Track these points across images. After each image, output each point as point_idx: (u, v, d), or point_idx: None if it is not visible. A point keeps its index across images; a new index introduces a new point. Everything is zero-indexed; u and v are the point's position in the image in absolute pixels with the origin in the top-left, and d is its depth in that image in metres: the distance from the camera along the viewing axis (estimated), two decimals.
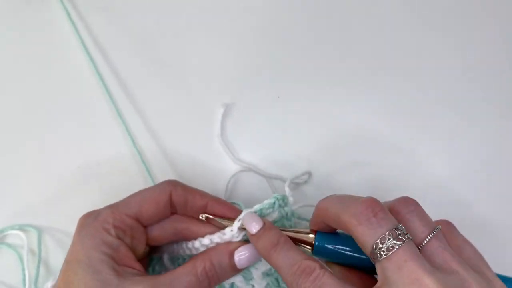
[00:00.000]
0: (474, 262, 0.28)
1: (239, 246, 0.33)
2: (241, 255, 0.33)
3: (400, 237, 0.26)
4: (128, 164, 0.40)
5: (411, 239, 0.27)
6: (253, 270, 0.35)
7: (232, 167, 0.41)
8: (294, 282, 0.28)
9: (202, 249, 0.33)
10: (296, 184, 0.41)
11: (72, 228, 0.39)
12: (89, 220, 0.31)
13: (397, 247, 0.26)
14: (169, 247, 0.35)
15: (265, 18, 0.43)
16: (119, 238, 0.31)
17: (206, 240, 0.33)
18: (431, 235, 0.27)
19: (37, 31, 0.40)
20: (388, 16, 0.44)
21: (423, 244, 0.27)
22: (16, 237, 0.39)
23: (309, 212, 0.35)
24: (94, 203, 0.34)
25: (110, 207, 0.32)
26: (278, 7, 0.43)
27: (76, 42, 0.40)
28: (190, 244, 0.34)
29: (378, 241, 0.26)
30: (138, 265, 0.31)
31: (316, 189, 0.41)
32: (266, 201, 0.34)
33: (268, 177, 0.41)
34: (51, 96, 0.40)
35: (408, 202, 0.29)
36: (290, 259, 0.29)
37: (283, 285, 0.36)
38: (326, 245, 0.31)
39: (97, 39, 0.41)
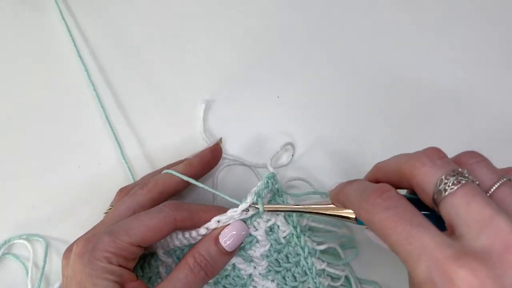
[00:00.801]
0: None
1: (221, 230, 0.33)
2: (226, 238, 0.33)
3: (466, 175, 0.25)
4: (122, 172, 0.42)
5: (477, 183, 0.25)
6: (251, 252, 0.36)
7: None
8: (362, 204, 0.26)
9: (199, 237, 0.34)
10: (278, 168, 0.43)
11: None
12: (89, 248, 0.30)
13: (464, 181, 0.24)
14: (162, 242, 0.35)
15: (243, 13, 0.44)
16: (121, 265, 0.30)
17: (202, 230, 0.34)
18: (499, 183, 0.25)
19: (33, 45, 0.43)
20: (387, 16, 0.45)
21: (492, 190, 0.26)
22: (23, 247, 0.40)
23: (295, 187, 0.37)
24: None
25: (110, 234, 0.30)
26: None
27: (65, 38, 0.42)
28: (187, 234, 0.34)
29: (443, 177, 0.25)
30: (140, 283, 0.31)
31: (297, 168, 0.42)
32: (259, 183, 0.35)
33: (254, 167, 0.43)
34: (57, 108, 0.42)
35: (475, 154, 0.27)
36: (363, 186, 0.28)
37: (284, 265, 0.36)
38: None
39: (87, 41, 0.43)
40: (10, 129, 0.42)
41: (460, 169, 0.25)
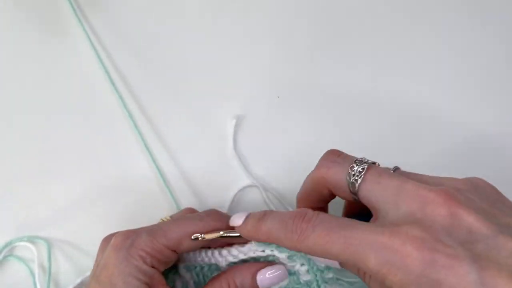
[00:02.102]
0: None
1: (263, 267, 0.32)
2: (264, 278, 0.32)
3: (366, 160, 0.28)
4: (141, 179, 0.40)
5: (378, 164, 0.28)
6: None
7: (244, 181, 0.41)
8: (288, 232, 0.27)
9: (221, 259, 0.33)
10: None
11: (81, 241, 0.39)
12: (126, 243, 0.30)
13: (366, 167, 0.27)
14: (185, 256, 0.34)
15: (279, 28, 0.43)
16: (153, 266, 0.30)
17: (234, 251, 0.33)
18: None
19: (60, 57, 0.41)
20: (389, 18, 0.44)
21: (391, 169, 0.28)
22: (25, 249, 0.38)
23: None
24: (106, 219, 0.34)
25: (149, 233, 0.31)
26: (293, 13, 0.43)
27: (94, 61, 0.41)
28: (210, 253, 0.33)
29: (349, 171, 0.27)
30: None
31: None
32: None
33: (274, 195, 0.41)
34: (69, 110, 0.40)
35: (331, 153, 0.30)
36: (280, 219, 0.28)
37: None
38: None
39: (114, 61, 0.41)
40: (20, 134, 0.40)
41: (359, 158, 0.28)
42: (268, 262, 0.33)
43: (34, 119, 0.40)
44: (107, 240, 0.32)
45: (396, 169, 0.28)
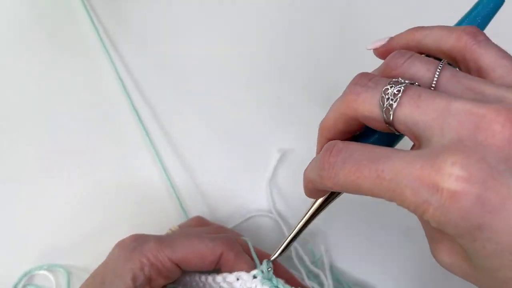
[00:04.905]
0: (510, 77, 0.22)
1: None
2: None
3: (402, 81, 0.22)
4: (160, 199, 0.40)
5: (417, 83, 0.22)
6: None
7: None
8: (320, 173, 0.23)
9: (215, 285, 0.32)
10: None
11: None
12: (134, 245, 0.30)
13: (403, 88, 0.21)
14: (182, 279, 0.34)
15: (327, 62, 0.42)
16: (150, 277, 0.30)
17: (218, 278, 0.31)
18: (438, 71, 0.22)
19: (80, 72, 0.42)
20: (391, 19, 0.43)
21: (434, 81, 0.22)
22: (44, 278, 0.38)
23: None
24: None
25: (157, 241, 0.30)
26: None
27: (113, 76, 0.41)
28: (204, 278, 0.32)
29: (382, 95, 0.22)
30: None
31: None
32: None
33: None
34: (91, 130, 0.41)
35: (401, 53, 0.24)
36: (315, 158, 0.25)
37: None
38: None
39: (135, 78, 0.42)
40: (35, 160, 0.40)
41: (393, 79, 0.22)
42: None
43: (50, 140, 0.40)
44: (118, 244, 0.32)
45: (442, 66, 0.23)
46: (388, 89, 0.22)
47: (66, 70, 0.41)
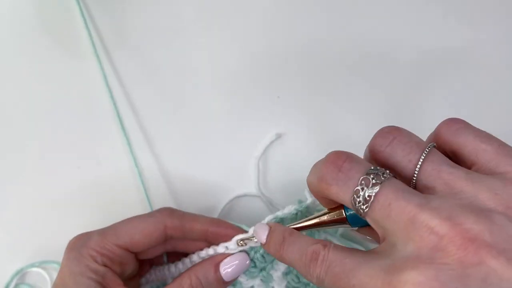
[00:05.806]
0: (495, 162, 0.22)
1: (225, 258, 0.32)
2: (227, 267, 0.32)
3: (375, 181, 0.22)
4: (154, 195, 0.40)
5: (390, 177, 0.22)
6: (272, 272, 0.34)
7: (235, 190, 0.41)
8: (307, 273, 0.25)
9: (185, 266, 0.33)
10: None
11: None
12: (78, 244, 0.31)
13: (374, 193, 0.22)
14: (155, 273, 0.35)
15: (314, 51, 0.42)
16: (105, 265, 0.31)
17: (195, 257, 0.33)
18: (421, 159, 0.23)
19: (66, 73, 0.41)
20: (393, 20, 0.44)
21: (415, 173, 0.23)
22: (37, 276, 0.38)
23: None
24: None
25: (100, 234, 0.31)
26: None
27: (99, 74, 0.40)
28: (175, 266, 0.33)
29: (354, 195, 0.23)
30: None
31: None
32: (286, 211, 0.33)
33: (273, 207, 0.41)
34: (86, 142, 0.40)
35: (387, 132, 0.24)
36: (298, 251, 0.26)
37: (303, 280, 0.35)
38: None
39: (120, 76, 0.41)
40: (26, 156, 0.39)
41: (366, 174, 0.23)
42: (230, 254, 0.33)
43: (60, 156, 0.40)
44: (66, 249, 0.33)
45: (427, 153, 0.23)
46: (359, 190, 0.22)
47: (55, 70, 0.40)
